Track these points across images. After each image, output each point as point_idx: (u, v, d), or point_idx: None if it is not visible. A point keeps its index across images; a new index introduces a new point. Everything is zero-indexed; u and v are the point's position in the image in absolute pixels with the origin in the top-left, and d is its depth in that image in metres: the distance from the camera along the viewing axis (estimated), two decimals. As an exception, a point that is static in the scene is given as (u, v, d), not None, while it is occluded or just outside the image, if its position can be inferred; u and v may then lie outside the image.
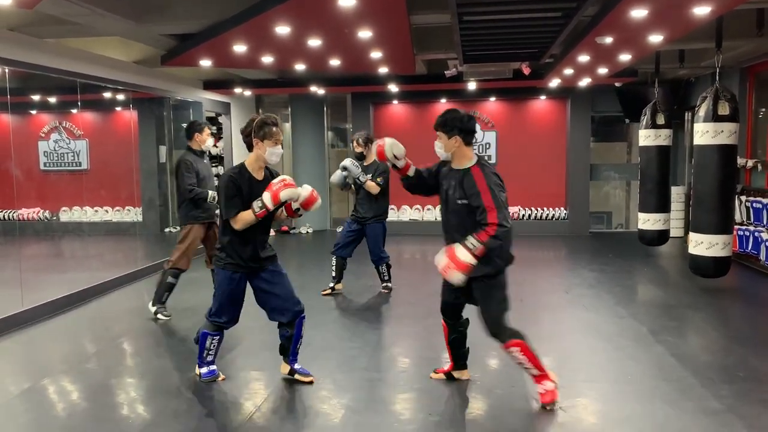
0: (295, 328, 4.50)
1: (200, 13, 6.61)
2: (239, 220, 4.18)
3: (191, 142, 6.36)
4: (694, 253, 7.02)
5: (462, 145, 4.09)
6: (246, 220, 4.17)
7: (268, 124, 4.25)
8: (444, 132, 4.08)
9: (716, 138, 6.72)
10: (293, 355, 4.59)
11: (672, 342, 5.50)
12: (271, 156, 4.26)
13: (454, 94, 12.16)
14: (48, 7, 5.61)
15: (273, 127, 4.25)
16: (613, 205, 13.88)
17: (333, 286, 7.30)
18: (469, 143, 4.13)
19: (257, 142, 4.24)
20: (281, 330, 4.53)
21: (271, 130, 4.24)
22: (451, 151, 4.11)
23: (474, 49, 7.53)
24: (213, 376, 4.58)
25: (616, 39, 6.50)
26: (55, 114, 9.85)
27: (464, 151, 4.11)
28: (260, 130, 4.22)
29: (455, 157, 4.13)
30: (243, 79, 11.16)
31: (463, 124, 4.06)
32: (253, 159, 4.30)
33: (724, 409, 4.08)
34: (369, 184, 6.90)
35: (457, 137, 4.06)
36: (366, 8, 5.53)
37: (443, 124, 4.08)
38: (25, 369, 5.15)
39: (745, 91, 9.21)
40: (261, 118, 4.28)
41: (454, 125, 4.05)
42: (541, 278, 8.52)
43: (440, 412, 4.14)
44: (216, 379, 4.58)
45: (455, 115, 4.09)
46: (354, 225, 7.17)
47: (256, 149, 4.26)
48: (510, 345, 4.08)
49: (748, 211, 8.72)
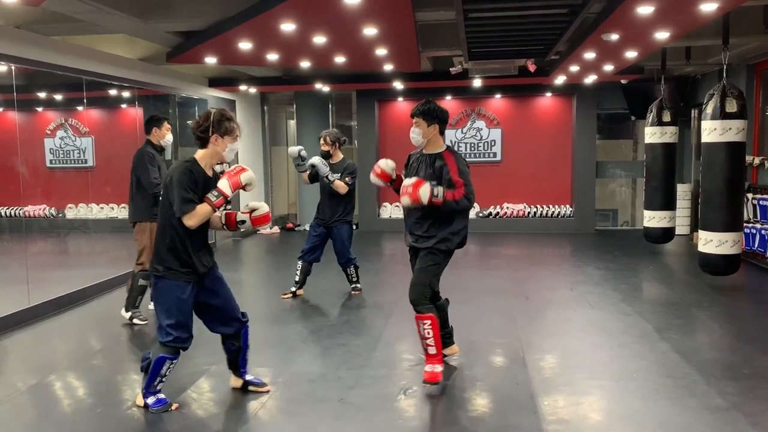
0: (241, 340, 4.27)
1: (205, 11, 6.62)
2: (196, 214, 3.86)
3: (150, 136, 6.13)
4: (704, 251, 6.99)
5: (437, 133, 4.47)
6: (203, 214, 3.89)
7: (229, 119, 4.02)
8: (424, 120, 4.42)
9: (724, 135, 6.69)
10: (243, 366, 4.36)
11: (677, 339, 5.49)
12: (230, 153, 4.06)
13: (460, 91, 12.14)
14: (54, 5, 5.63)
15: (233, 123, 4.04)
16: (619, 202, 13.86)
17: (295, 291, 7.10)
18: (443, 132, 4.53)
19: (216, 138, 3.97)
20: (226, 344, 4.27)
21: (231, 126, 4.01)
22: (428, 138, 4.46)
23: (479, 46, 7.52)
24: (164, 405, 4.10)
25: (622, 36, 6.47)
26: (60, 111, 9.87)
27: (438, 138, 4.49)
28: (220, 125, 3.97)
29: (429, 144, 4.49)
30: (248, 76, 11.17)
31: (442, 114, 4.47)
32: (207, 155, 4.02)
33: (729, 407, 4.07)
34: (338, 183, 6.73)
35: (436, 125, 4.44)
36: (371, 5, 5.52)
37: (426, 112, 4.43)
38: (31, 365, 5.18)
39: (752, 88, 9.17)
40: (219, 113, 4.03)
41: (435, 114, 4.43)
42: (547, 275, 8.51)
43: (445, 410, 4.15)
44: (168, 408, 4.10)
45: (435, 106, 4.46)
46: (319, 228, 6.97)
47: (212, 145, 3.98)
48: (424, 317, 4.41)
49: (755, 209, 8.68)
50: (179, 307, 3.96)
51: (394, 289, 7.44)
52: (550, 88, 11.90)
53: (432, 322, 4.39)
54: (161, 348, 4.00)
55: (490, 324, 6.06)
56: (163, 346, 3.99)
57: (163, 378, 4.07)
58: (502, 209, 12.46)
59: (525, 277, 8.30)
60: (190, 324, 4.04)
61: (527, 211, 12.48)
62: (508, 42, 7.41)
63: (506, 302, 6.82)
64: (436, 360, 4.43)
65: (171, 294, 3.95)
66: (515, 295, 7.13)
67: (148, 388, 4.08)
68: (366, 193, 12.88)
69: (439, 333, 4.45)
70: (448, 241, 4.44)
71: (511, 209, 12.44)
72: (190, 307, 4.03)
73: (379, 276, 8.52)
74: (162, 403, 4.10)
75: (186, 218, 3.86)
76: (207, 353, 5.21)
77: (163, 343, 3.99)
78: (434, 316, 4.41)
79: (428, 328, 4.39)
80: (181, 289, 3.95)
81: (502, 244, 10.83)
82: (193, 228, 3.90)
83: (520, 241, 11.37)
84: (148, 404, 4.10)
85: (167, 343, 3.98)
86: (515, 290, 7.39)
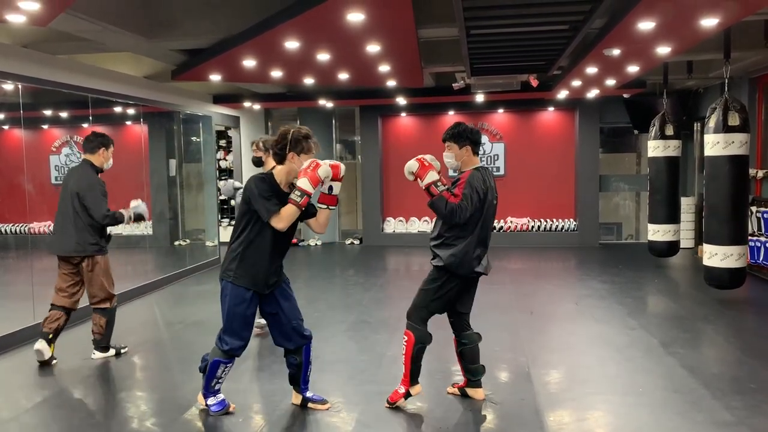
0: (303, 356, 4.30)
1: (210, 29, 6.68)
2: (283, 216, 3.93)
3: (93, 156, 5.47)
4: (709, 265, 6.98)
5: (471, 155, 4.36)
6: (290, 214, 3.95)
7: (307, 138, 4.07)
8: (455, 143, 4.34)
9: (727, 149, 6.70)
10: (304, 383, 4.39)
11: (683, 353, 5.47)
12: None
13: (462, 107, 12.19)
14: (61, 24, 5.69)
15: (311, 141, 4.09)
16: (623, 216, 13.84)
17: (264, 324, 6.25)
18: (477, 153, 4.40)
19: (293, 156, 4.02)
20: (288, 358, 4.32)
21: (309, 145, 4.06)
22: (461, 160, 4.36)
23: (482, 62, 7.56)
24: (224, 409, 4.27)
25: (624, 51, 6.51)
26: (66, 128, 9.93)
27: (471, 159, 4.37)
28: (298, 144, 4.02)
29: (464, 165, 4.38)
30: (252, 92, 11.25)
31: (473, 135, 4.36)
32: (284, 172, 4.08)
33: (736, 421, 4.05)
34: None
35: (468, 147, 4.34)
36: (374, 23, 5.57)
37: (456, 135, 4.34)
38: (37, 382, 5.18)
39: (754, 101, 9.19)
40: (298, 131, 4.07)
41: (465, 136, 4.33)
42: (551, 290, 8.49)
43: (450, 426, 4.13)
44: (227, 411, 4.28)
45: (465, 128, 4.36)
46: None
47: (289, 163, 4.04)
48: (406, 332, 4.31)
49: (759, 222, 8.67)
50: (237, 315, 4.06)
51: (398, 304, 7.43)
52: (553, 103, 11.95)
53: (408, 339, 4.28)
54: (216, 351, 4.14)
55: (495, 338, 6.04)
56: (218, 350, 4.12)
57: (219, 379, 4.23)
58: (506, 223, 12.46)
59: (529, 291, 8.29)
60: (246, 333, 4.12)
61: (531, 225, 12.48)
62: (510, 57, 7.46)
63: (511, 316, 6.81)
64: (403, 381, 4.35)
65: (233, 300, 4.05)
66: (520, 310, 7.11)
67: (207, 388, 4.26)
68: (369, 208, 12.92)
69: (411, 354, 4.27)
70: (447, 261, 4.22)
71: (515, 223, 12.44)
72: (250, 316, 4.11)
73: (384, 291, 8.52)
74: (222, 407, 4.27)
75: (274, 221, 3.94)
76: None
77: (219, 348, 4.12)
78: (412, 336, 4.26)
79: (403, 343, 4.31)
80: (243, 297, 4.04)
81: (506, 258, 10.82)
82: (283, 230, 3.98)
83: (524, 255, 11.36)
84: (208, 405, 4.27)
85: (221, 348, 4.11)
86: (520, 304, 7.38)
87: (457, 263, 4.19)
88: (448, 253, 4.19)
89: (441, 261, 4.21)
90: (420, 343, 4.28)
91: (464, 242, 4.19)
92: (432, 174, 4.19)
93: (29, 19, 4.70)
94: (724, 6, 4.93)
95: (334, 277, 7.44)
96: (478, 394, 4.50)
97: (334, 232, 13.63)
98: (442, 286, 4.27)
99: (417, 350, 4.28)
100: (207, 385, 4.24)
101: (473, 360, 4.47)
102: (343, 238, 13.56)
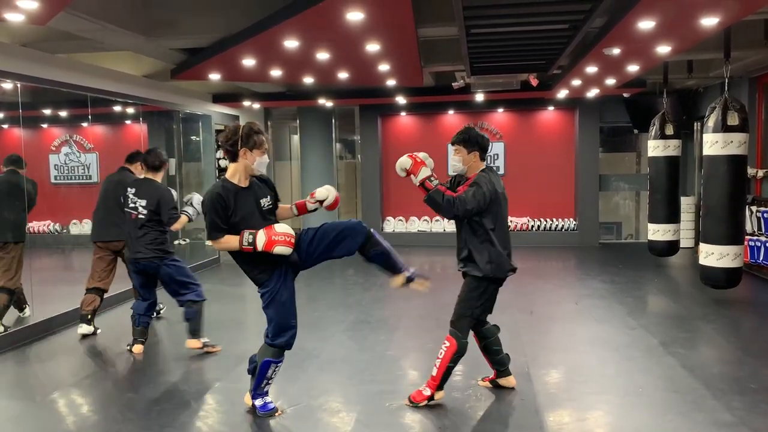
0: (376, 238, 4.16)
1: (209, 28, 6.67)
2: (221, 243, 3.96)
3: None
4: (705, 264, 6.98)
5: (478, 160, 4.38)
6: (227, 247, 3.96)
7: (257, 132, 4.04)
8: (464, 147, 4.36)
9: (726, 148, 6.69)
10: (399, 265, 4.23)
11: (683, 353, 5.46)
12: (260, 166, 4.07)
13: (462, 106, 12.18)
14: (60, 23, 5.67)
15: (261, 136, 4.06)
16: (623, 215, 13.83)
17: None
18: (484, 159, 4.44)
19: (245, 151, 4.00)
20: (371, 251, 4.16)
21: (260, 139, 4.03)
22: (468, 165, 4.38)
23: (481, 61, 7.55)
24: (271, 411, 4.23)
25: (624, 50, 6.50)
26: (65, 127, 9.92)
27: (478, 164, 4.39)
28: (249, 139, 4.00)
29: (469, 170, 4.40)
30: (252, 92, 11.23)
31: (482, 141, 4.40)
32: (239, 169, 4.04)
33: (736, 421, 4.05)
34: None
35: (476, 152, 4.36)
36: (374, 22, 5.56)
37: (466, 140, 4.36)
38: (35, 382, 5.17)
39: (754, 101, 9.18)
40: (248, 127, 4.04)
41: (475, 141, 4.36)
42: (551, 289, 8.49)
43: (450, 425, 4.13)
44: (274, 414, 4.23)
45: (476, 133, 4.40)
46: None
47: (242, 159, 4.02)
48: (449, 338, 4.28)
49: (758, 222, 8.66)
50: (278, 310, 4.07)
51: (398, 304, 7.43)
52: (553, 102, 11.93)
53: (449, 345, 4.25)
54: (266, 350, 4.13)
55: (494, 339, 6.04)
56: (268, 348, 4.12)
57: (269, 380, 4.21)
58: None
59: (529, 290, 8.28)
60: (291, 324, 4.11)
61: (531, 225, 12.47)
62: (510, 57, 7.45)
63: (511, 316, 6.80)
64: (430, 383, 4.35)
65: (271, 297, 4.05)
66: (520, 309, 7.11)
67: (257, 390, 4.23)
68: (369, 207, 12.91)
69: (448, 361, 4.25)
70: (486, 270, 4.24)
71: (515, 223, 12.43)
72: (290, 307, 4.11)
73: (383, 290, 8.51)
74: (268, 409, 4.23)
75: (213, 243, 4.00)
76: (214, 368, 5.23)
77: (269, 345, 4.11)
78: (455, 344, 4.24)
79: (443, 349, 4.28)
80: (279, 291, 4.04)
81: (505, 258, 10.78)
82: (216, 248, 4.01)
83: (524, 254, 11.32)
84: (256, 406, 4.25)
85: (271, 344, 4.11)
86: (520, 304, 7.37)
87: (495, 268, 4.26)
88: (484, 261, 4.23)
89: (479, 271, 4.24)
90: (460, 353, 4.27)
91: (492, 246, 4.23)
92: (425, 170, 4.20)
93: (28, 17, 4.69)
94: (724, 5, 4.92)
95: (334, 277, 7.44)
96: (510, 382, 4.63)
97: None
98: (483, 293, 4.32)
99: (455, 358, 4.28)
100: (257, 386, 4.22)
101: (498, 352, 4.58)
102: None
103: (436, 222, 12.70)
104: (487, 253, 4.23)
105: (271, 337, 4.12)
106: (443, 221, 12.36)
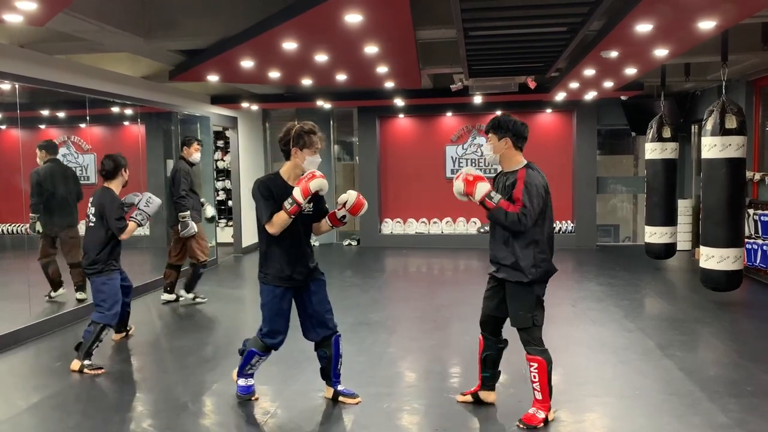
0: (332, 348, 4.38)
1: (208, 30, 6.66)
2: (274, 223, 4.03)
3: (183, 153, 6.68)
4: (706, 267, 6.98)
5: (511, 148, 4.11)
6: (281, 221, 4.02)
7: (308, 132, 4.11)
8: (495, 133, 4.12)
9: (724, 151, 6.71)
10: (335, 377, 4.46)
11: (680, 356, 5.47)
12: (310, 165, 4.12)
13: (460, 108, 12.19)
14: (58, 24, 5.68)
15: (313, 136, 4.11)
16: (620, 218, 13.86)
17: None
18: (519, 147, 4.15)
19: (296, 150, 4.10)
20: (318, 351, 4.42)
21: (311, 139, 4.10)
22: (500, 153, 4.13)
23: (480, 64, 7.56)
24: (248, 394, 4.45)
25: (622, 53, 6.52)
26: (63, 128, 9.91)
27: (513, 153, 4.13)
28: (300, 138, 4.08)
29: (503, 159, 4.15)
30: (250, 93, 11.23)
31: (516, 127, 4.12)
32: (290, 167, 4.18)
33: (732, 424, 4.06)
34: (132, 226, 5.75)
35: (508, 139, 4.09)
36: (372, 24, 5.57)
37: (496, 126, 4.12)
38: (32, 383, 5.17)
39: (751, 104, 9.21)
40: (300, 126, 4.12)
41: (507, 127, 4.10)
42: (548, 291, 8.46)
43: (449, 426, 4.13)
44: (250, 398, 4.45)
45: (507, 119, 4.14)
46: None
47: (293, 158, 4.13)
48: (531, 359, 4.05)
49: (756, 225, 8.68)
50: (273, 313, 4.21)
51: (396, 305, 7.44)
52: (551, 105, 11.95)
53: (539, 366, 4.00)
54: (255, 341, 4.31)
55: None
56: (258, 341, 4.29)
57: (252, 366, 4.40)
58: (504, 225, 12.42)
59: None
60: (282, 329, 4.27)
61: (528, 227, 12.46)
62: (508, 59, 7.46)
63: (508, 319, 6.80)
64: (540, 405, 4.07)
65: (267, 299, 4.22)
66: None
67: (241, 370, 4.44)
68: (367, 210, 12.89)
69: (547, 377, 4.02)
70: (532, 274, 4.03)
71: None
72: (285, 312, 4.24)
73: (382, 292, 8.52)
74: (246, 392, 4.45)
75: (268, 226, 4.07)
76: (211, 370, 5.22)
77: (258, 339, 4.29)
78: (542, 360, 4.01)
79: (534, 371, 4.02)
80: (276, 295, 4.19)
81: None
82: (275, 235, 4.06)
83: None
84: (237, 384, 4.48)
85: (260, 339, 4.28)
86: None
87: (542, 272, 4.05)
88: (530, 266, 3.99)
89: (525, 276, 4.00)
90: (550, 363, 4.05)
91: (538, 247, 4.01)
92: (481, 187, 3.97)
93: (26, 18, 4.69)
94: (721, 8, 4.94)
95: (332, 279, 7.41)
96: (491, 397, 4.43)
97: (332, 233, 13.61)
98: (537, 297, 4.11)
99: (549, 371, 4.04)
100: (241, 368, 4.42)
101: (496, 365, 4.40)
102: (341, 239, 13.55)
103: (433, 224, 12.69)
104: (532, 257, 3.99)
105: (262, 334, 4.28)
106: (441, 223, 12.38)
